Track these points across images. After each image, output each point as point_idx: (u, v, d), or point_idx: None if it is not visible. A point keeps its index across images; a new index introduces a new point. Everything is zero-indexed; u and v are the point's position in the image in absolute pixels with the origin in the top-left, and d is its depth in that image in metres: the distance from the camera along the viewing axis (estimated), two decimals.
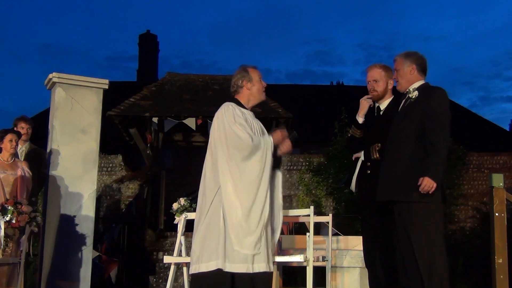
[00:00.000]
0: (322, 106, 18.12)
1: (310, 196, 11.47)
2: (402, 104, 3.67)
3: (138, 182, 11.79)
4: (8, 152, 4.97)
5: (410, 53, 3.68)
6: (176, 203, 5.17)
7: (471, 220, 11.38)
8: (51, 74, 5.39)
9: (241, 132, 3.35)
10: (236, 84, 3.61)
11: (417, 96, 3.55)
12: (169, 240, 9.92)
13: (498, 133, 18.66)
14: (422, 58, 3.68)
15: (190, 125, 10.51)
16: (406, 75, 3.63)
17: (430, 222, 3.42)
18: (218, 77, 12.24)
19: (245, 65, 3.66)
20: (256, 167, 3.34)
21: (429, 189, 3.34)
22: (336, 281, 5.27)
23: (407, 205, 3.45)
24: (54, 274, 5.04)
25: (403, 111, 3.61)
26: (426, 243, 3.38)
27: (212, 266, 3.27)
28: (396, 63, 3.70)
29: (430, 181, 3.33)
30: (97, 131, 5.45)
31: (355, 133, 4.16)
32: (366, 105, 4.08)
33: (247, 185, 3.32)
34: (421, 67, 3.65)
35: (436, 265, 3.37)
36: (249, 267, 3.26)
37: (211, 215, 3.36)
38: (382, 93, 4.03)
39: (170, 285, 4.74)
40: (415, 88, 3.60)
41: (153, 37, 23.82)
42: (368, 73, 4.08)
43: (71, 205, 5.20)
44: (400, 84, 3.68)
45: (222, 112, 3.45)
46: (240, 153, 3.33)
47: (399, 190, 3.45)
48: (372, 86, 4.04)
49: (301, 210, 4.84)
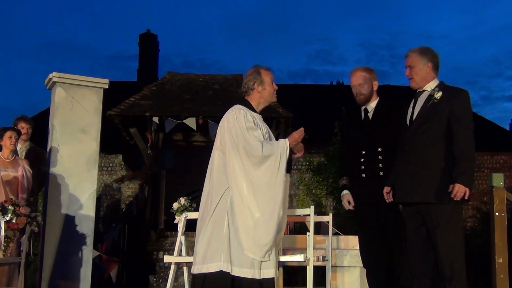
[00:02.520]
0: (322, 105, 18.11)
1: (310, 196, 11.48)
2: (421, 103, 3.59)
3: (138, 182, 11.80)
4: (8, 149, 4.96)
5: (425, 50, 3.61)
6: (176, 202, 5.17)
7: (471, 219, 11.39)
8: (51, 74, 5.38)
9: (252, 140, 3.33)
10: (248, 85, 3.58)
11: (441, 97, 3.49)
12: (169, 239, 9.92)
13: (498, 133, 18.65)
14: (437, 56, 3.63)
15: (191, 125, 10.51)
16: (422, 73, 3.58)
17: (455, 223, 3.45)
18: (218, 76, 12.23)
19: (258, 66, 3.63)
20: (269, 173, 3.32)
21: (461, 195, 3.36)
22: (336, 281, 5.26)
23: (435, 206, 3.43)
24: (55, 274, 5.04)
25: (425, 111, 3.54)
26: (450, 244, 3.41)
27: (217, 268, 3.25)
28: (410, 59, 3.62)
29: (462, 188, 3.35)
30: (97, 131, 5.45)
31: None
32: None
33: (262, 191, 3.30)
34: (436, 65, 3.60)
35: (457, 265, 3.41)
36: (255, 273, 3.25)
37: (217, 216, 3.34)
38: (368, 96, 4.03)
39: (170, 285, 4.74)
40: (435, 88, 3.54)
41: (153, 36, 23.82)
42: (352, 78, 4.07)
43: (71, 205, 5.20)
44: (414, 81, 3.62)
45: (233, 116, 3.42)
46: (251, 160, 3.32)
47: (428, 192, 3.43)
48: (358, 90, 4.03)
49: (301, 210, 4.84)
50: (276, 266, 3.37)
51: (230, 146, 3.37)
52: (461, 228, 3.53)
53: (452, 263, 3.39)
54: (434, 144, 3.47)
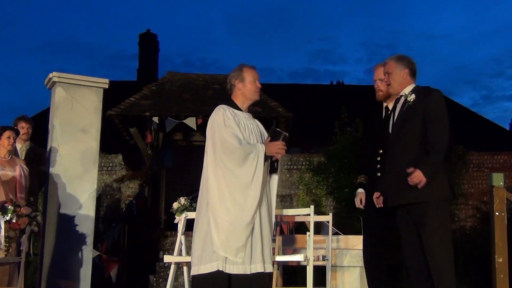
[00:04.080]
0: (322, 105, 18.13)
1: (310, 196, 11.47)
2: (399, 108, 3.70)
3: (138, 182, 11.80)
4: (5, 149, 4.96)
5: (402, 57, 3.73)
6: (176, 202, 5.18)
7: (471, 219, 11.39)
8: (51, 74, 5.38)
9: (228, 136, 3.34)
10: (230, 82, 3.61)
11: (414, 99, 3.59)
12: (169, 239, 9.92)
13: (498, 133, 18.67)
14: (413, 62, 3.74)
15: (190, 125, 10.51)
16: (399, 78, 3.68)
17: (441, 221, 3.46)
18: (218, 76, 12.23)
19: (243, 65, 3.64)
20: (247, 172, 3.31)
21: (417, 181, 3.38)
22: (336, 281, 5.27)
23: (419, 205, 3.47)
24: (54, 274, 5.04)
25: (402, 115, 3.64)
26: (436, 242, 3.42)
27: (212, 268, 3.27)
28: (387, 66, 3.74)
29: (420, 174, 3.37)
30: (97, 131, 5.45)
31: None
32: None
33: (236, 189, 3.30)
34: (412, 71, 3.71)
35: (445, 264, 3.42)
36: (246, 268, 3.27)
37: (208, 216, 3.36)
38: (387, 92, 4.03)
39: (170, 285, 4.74)
40: (410, 91, 3.64)
41: (153, 36, 23.86)
42: (374, 72, 4.13)
43: (71, 205, 5.20)
44: (392, 87, 3.73)
45: (214, 115, 3.46)
46: (227, 156, 3.32)
47: (410, 193, 3.47)
48: (378, 85, 4.07)
49: (301, 210, 4.85)
50: (264, 261, 3.34)
51: (210, 145, 3.40)
52: (447, 227, 3.54)
53: (439, 262, 3.41)
54: (413, 146, 3.54)
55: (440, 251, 3.42)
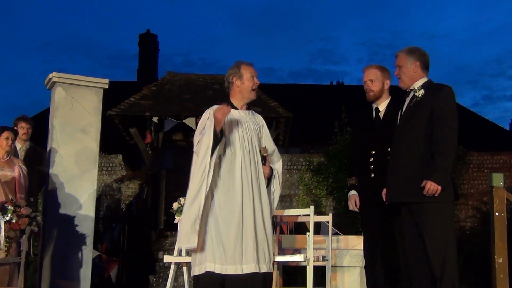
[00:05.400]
0: (322, 105, 18.12)
1: (310, 196, 11.46)
2: (407, 102, 3.61)
3: (138, 182, 11.79)
4: (3, 149, 4.96)
5: (413, 50, 3.62)
6: (176, 202, 5.17)
7: (471, 219, 11.38)
8: (51, 74, 5.39)
9: (198, 131, 3.44)
10: (228, 80, 3.60)
11: (423, 95, 3.49)
12: (169, 239, 9.91)
13: (498, 133, 18.66)
14: (425, 54, 3.62)
15: (190, 125, 10.50)
16: (410, 72, 3.58)
17: (443, 221, 3.42)
18: (218, 76, 12.22)
19: (240, 62, 3.62)
20: (198, 159, 3.35)
21: (433, 192, 3.33)
22: (336, 281, 5.27)
23: (420, 205, 3.42)
24: (54, 274, 5.04)
25: (409, 110, 3.56)
26: (439, 242, 3.38)
27: (200, 270, 3.28)
28: (398, 59, 3.64)
29: (433, 185, 3.32)
30: (97, 131, 5.46)
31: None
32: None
33: (193, 179, 3.36)
34: (424, 64, 3.59)
35: (448, 264, 3.38)
36: (237, 269, 3.24)
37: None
38: (378, 93, 4.03)
39: (170, 285, 4.74)
40: (420, 86, 3.55)
41: (153, 36, 23.84)
42: (364, 73, 4.08)
43: (71, 205, 5.20)
44: (403, 81, 3.63)
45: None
46: (195, 150, 3.40)
47: (412, 191, 3.42)
48: (368, 86, 4.04)
49: (301, 210, 4.84)
50: (259, 261, 3.29)
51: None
52: (452, 227, 3.50)
53: (442, 263, 3.36)
54: (417, 143, 3.46)
55: (445, 253, 3.37)
